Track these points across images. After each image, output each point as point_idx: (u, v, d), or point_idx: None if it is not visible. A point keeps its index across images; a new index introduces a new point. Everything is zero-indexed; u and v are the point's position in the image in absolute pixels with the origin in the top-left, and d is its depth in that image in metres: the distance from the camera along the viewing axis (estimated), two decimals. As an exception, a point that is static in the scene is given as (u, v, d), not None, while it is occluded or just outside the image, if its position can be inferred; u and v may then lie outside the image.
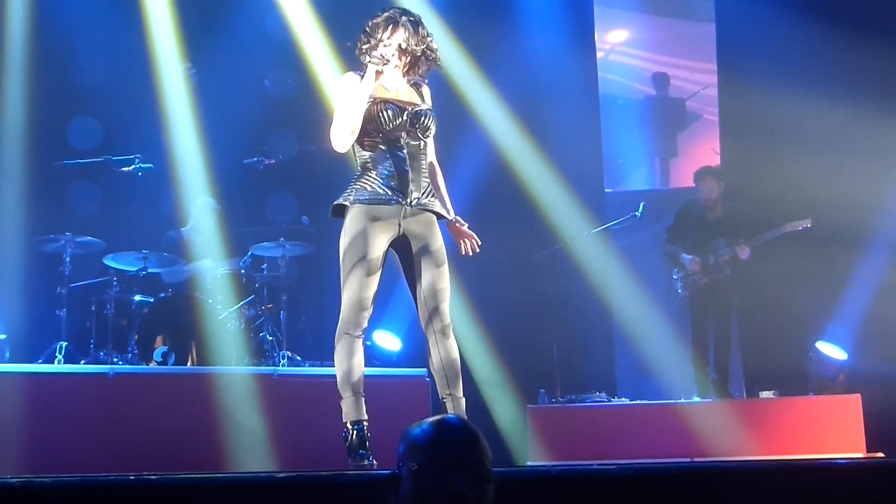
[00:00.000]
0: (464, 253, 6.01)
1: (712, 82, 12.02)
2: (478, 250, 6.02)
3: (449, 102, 10.27)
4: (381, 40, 5.78)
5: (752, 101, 10.57)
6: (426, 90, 6.00)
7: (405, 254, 5.83)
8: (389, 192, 5.70)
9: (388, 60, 5.76)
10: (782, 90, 10.20)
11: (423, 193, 5.79)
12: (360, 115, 5.68)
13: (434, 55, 5.91)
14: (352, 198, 5.73)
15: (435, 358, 5.75)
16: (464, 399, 5.78)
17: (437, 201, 5.87)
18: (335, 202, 5.79)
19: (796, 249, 9.93)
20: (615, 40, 13.59)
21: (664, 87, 13.40)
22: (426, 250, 5.76)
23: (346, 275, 5.70)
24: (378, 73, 5.74)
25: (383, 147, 5.74)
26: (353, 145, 5.80)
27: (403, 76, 5.90)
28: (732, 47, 11.21)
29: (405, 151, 5.75)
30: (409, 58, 5.85)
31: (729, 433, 8.59)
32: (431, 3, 10.19)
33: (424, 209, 5.79)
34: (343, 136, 5.68)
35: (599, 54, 12.34)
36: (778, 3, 10.54)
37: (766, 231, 9.81)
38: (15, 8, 10.47)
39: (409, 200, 5.72)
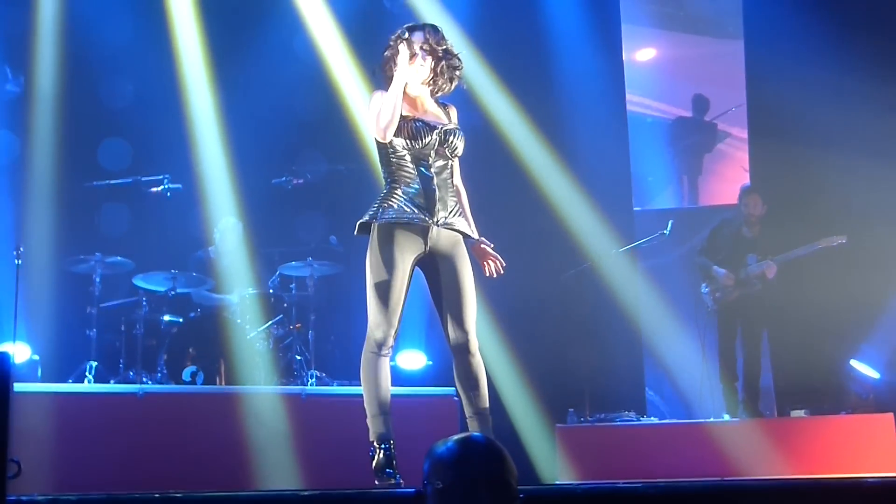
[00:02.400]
0: (488, 274, 5.99)
1: (741, 100, 11.96)
2: (502, 272, 6.00)
3: (476, 121, 10.28)
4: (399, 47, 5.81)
5: (781, 118, 10.53)
6: (453, 111, 5.99)
7: (431, 273, 5.82)
8: (416, 211, 5.69)
9: (416, 53, 5.76)
10: (813, 106, 10.15)
11: (450, 213, 5.77)
12: (400, 101, 5.68)
13: (457, 60, 5.89)
14: (378, 215, 5.72)
15: (461, 376, 5.73)
16: (490, 418, 5.76)
17: (463, 220, 5.85)
18: (361, 220, 5.79)
19: (830, 266, 9.87)
20: (643, 58, 13.56)
21: (702, 111, 13.35)
22: (452, 269, 5.74)
23: (371, 293, 5.69)
24: (412, 58, 5.75)
25: (411, 165, 5.74)
26: (381, 161, 5.81)
27: (429, 87, 5.88)
28: (761, 64, 11.16)
29: (433, 170, 5.74)
30: (433, 61, 5.83)
31: (759, 452, 8.49)
32: (458, 23, 10.19)
33: (451, 228, 5.78)
34: (385, 122, 5.64)
35: (627, 73, 12.31)
36: (807, 19, 10.48)
37: (800, 247, 9.75)
38: (45, 31, 10.54)
39: (435, 219, 5.71)
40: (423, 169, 5.74)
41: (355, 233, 5.83)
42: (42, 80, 10.58)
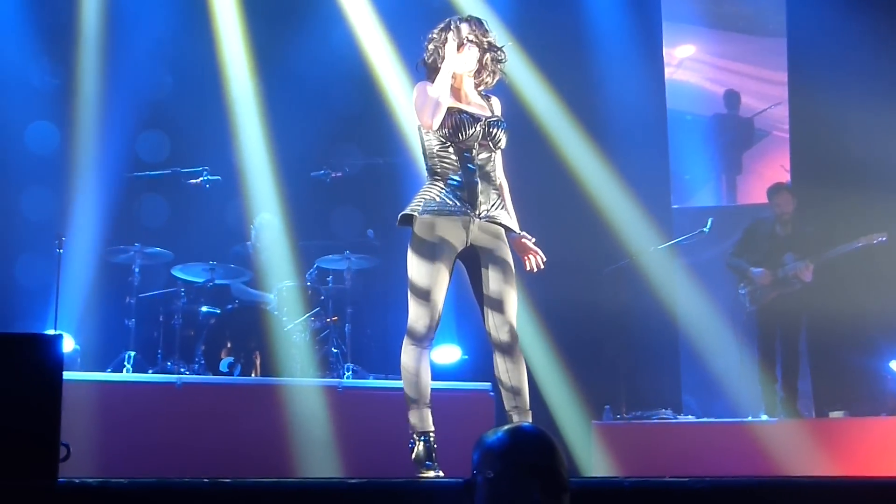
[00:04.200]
0: (528, 269, 5.97)
1: (782, 97, 11.90)
2: (542, 266, 5.98)
3: (517, 117, 10.26)
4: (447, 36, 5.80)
5: (824, 116, 10.46)
6: (496, 102, 5.98)
7: (473, 266, 5.80)
8: (458, 203, 5.67)
9: (464, 42, 5.75)
10: (855, 103, 10.09)
11: (493, 206, 5.75)
12: (448, 90, 5.67)
13: (500, 54, 5.88)
14: (420, 208, 5.71)
15: (501, 371, 5.71)
16: (530, 412, 5.74)
17: (505, 214, 5.83)
18: (403, 211, 5.79)
19: (870, 264, 9.81)
20: (683, 55, 13.50)
21: (735, 106, 13.29)
22: (494, 263, 5.72)
23: (412, 286, 5.69)
24: (459, 47, 5.74)
25: (454, 157, 5.72)
26: (424, 154, 5.81)
27: (472, 79, 5.88)
28: (804, 62, 11.11)
29: (476, 162, 5.72)
30: (478, 52, 5.81)
31: (797, 453, 8.45)
32: (499, 18, 10.17)
33: (493, 221, 5.76)
34: (432, 109, 5.63)
35: (667, 70, 12.28)
36: (850, 15, 10.41)
37: (840, 245, 9.69)
38: (87, 22, 10.59)
39: (477, 212, 5.70)
40: (466, 161, 5.71)
41: (397, 224, 5.83)
42: (83, 72, 10.63)
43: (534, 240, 5.96)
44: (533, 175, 6.19)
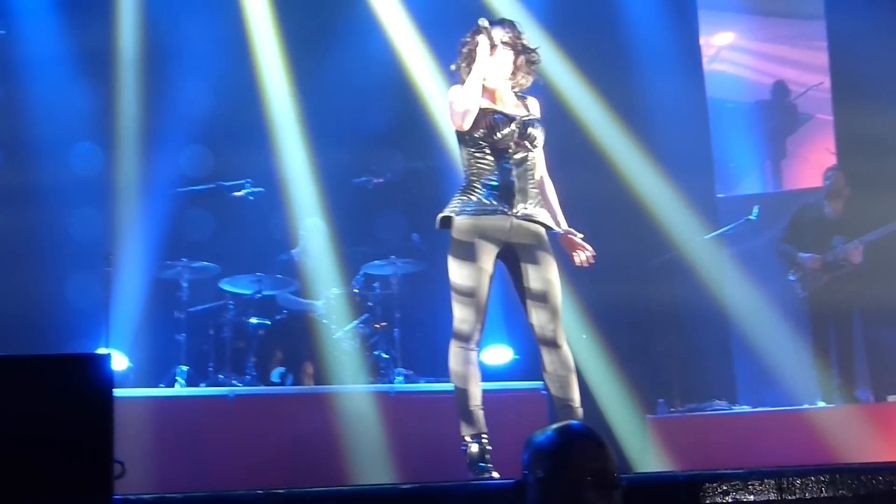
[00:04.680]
0: (577, 264, 5.97)
1: (823, 80, 11.81)
2: (592, 262, 5.97)
3: (556, 113, 10.24)
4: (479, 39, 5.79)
5: (867, 97, 10.38)
6: (534, 102, 5.98)
7: (513, 265, 5.80)
8: (495, 203, 5.68)
9: (496, 44, 5.74)
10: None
11: (531, 204, 5.75)
12: (478, 89, 5.69)
13: (535, 55, 5.90)
14: (457, 209, 5.73)
15: (549, 368, 5.71)
16: (581, 409, 5.73)
17: (544, 212, 5.82)
18: (441, 214, 5.79)
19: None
20: (721, 43, 13.42)
21: (784, 96, 13.19)
22: (534, 261, 5.71)
23: (455, 287, 5.70)
24: (492, 49, 5.73)
25: (491, 157, 5.73)
26: (461, 155, 5.81)
27: (508, 81, 5.88)
28: (844, 42, 11.02)
29: (512, 162, 5.73)
30: (513, 55, 5.82)
31: (856, 439, 8.37)
32: (534, 12, 10.18)
33: (531, 220, 5.75)
34: (463, 108, 5.66)
35: (706, 58, 12.21)
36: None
37: (887, 224, 9.58)
38: (126, 43, 10.68)
39: (515, 211, 5.69)
40: (502, 161, 5.72)
41: (437, 227, 5.83)
42: (124, 91, 10.72)
43: (581, 235, 5.95)
44: (576, 171, 6.19)
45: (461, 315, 5.69)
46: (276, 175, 10.80)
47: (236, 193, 9.97)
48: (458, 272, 5.67)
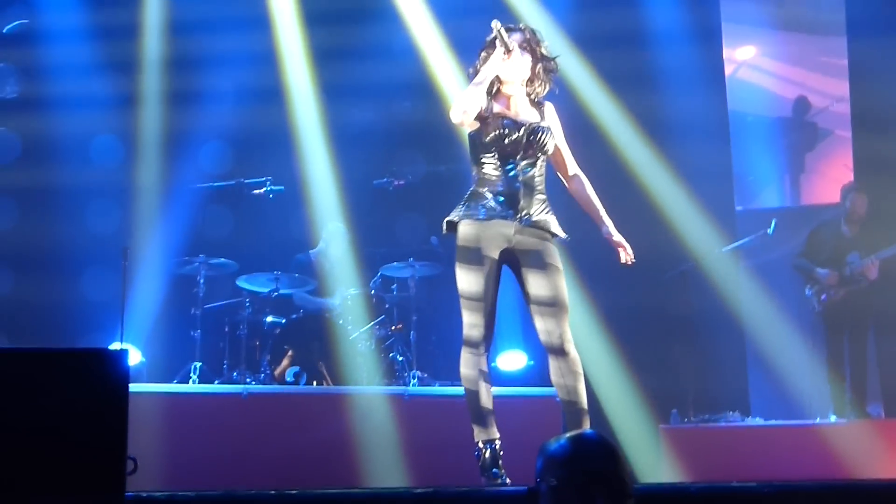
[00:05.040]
0: (623, 262, 5.95)
1: (843, 97, 11.78)
2: (633, 259, 5.95)
3: (578, 121, 10.24)
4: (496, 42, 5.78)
5: (885, 115, 10.36)
6: (549, 108, 5.94)
7: (518, 272, 5.77)
8: (499, 208, 5.67)
9: (512, 49, 5.72)
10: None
11: (536, 211, 5.73)
12: (483, 88, 5.67)
13: (553, 64, 5.88)
14: (462, 214, 5.73)
15: (556, 374, 5.69)
16: (587, 416, 5.69)
17: (551, 219, 5.79)
18: (447, 218, 5.80)
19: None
20: (743, 57, 13.41)
21: (803, 112, 13.18)
22: (538, 266, 5.68)
23: (462, 292, 5.70)
24: (507, 53, 5.70)
25: (498, 163, 5.71)
26: (470, 159, 5.81)
27: (524, 87, 5.85)
28: (864, 60, 11.00)
29: (519, 168, 5.71)
30: (532, 61, 5.80)
31: (868, 454, 8.37)
32: (558, 22, 10.19)
33: (536, 226, 5.73)
34: (461, 106, 5.65)
35: (728, 71, 12.20)
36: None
37: (896, 242, 9.59)
38: (150, 37, 10.71)
39: (519, 217, 5.68)
40: (508, 167, 5.70)
41: (444, 232, 5.84)
42: (146, 85, 10.75)
43: (617, 236, 5.96)
44: (595, 179, 6.17)
45: (470, 320, 5.69)
46: (297, 174, 10.82)
47: (256, 191, 10.00)
48: (464, 277, 5.68)
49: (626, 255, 6.03)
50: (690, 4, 11.52)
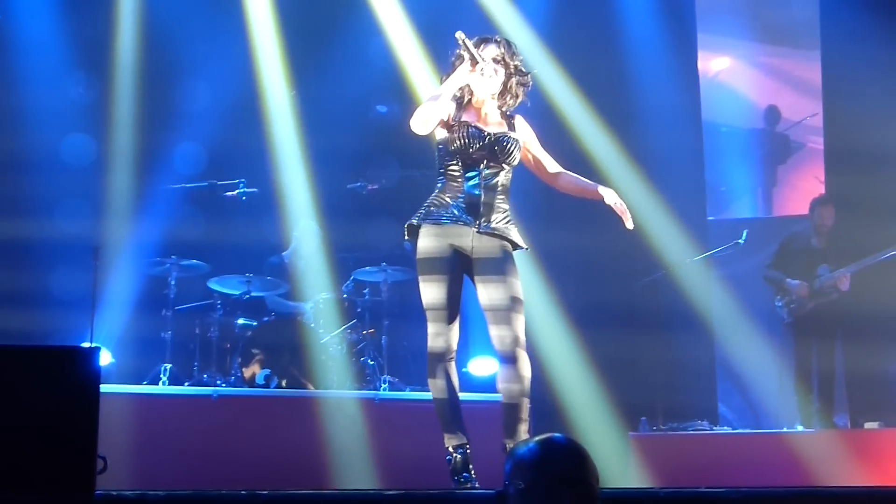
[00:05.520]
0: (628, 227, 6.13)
1: (817, 109, 11.86)
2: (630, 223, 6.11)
3: (551, 129, 10.27)
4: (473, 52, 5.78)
5: (858, 128, 10.43)
6: (520, 121, 5.93)
7: (473, 277, 5.76)
8: (459, 215, 5.67)
9: (483, 59, 5.71)
10: (890, 116, 10.06)
11: (496, 220, 5.73)
12: (446, 97, 5.69)
13: (527, 78, 5.88)
14: (422, 217, 5.74)
15: (502, 378, 5.68)
16: (525, 422, 5.66)
17: (511, 228, 5.78)
18: (408, 222, 5.80)
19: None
20: (718, 67, 13.48)
21: (774, 122, 13.25)
22: (493, 273, 5.67)
23: (424, 298, 5.71)
24: (472, 65, 5.69)
25: (461, 171, 5.71)
26: (436, 165, 5.81)
27: (495, 100, 5.85)
28: (838, 74, 11.07)
29: (482, 177, 5.71)
30: (504, 75, 5.79)
31: (833, 463, 8.43)
32: (534, 29, 10.22)
33: (494, 233, 5.72)
34: (420, 116, 5.68)
35: (702, 82, 12.25)
36: (886, 28, 10.37)
37: (875, 254, 9.66)
38: (124, 35, 10.67)
39: (478, 223, 5.68)
40: (470, 175, 5.70)
41: (405, 237, 5.84)
42: (120, 85, 10.70)
43: (620, 204, 6.07)
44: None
45: (434, 329, 5.69)
46: (271, 176, 10.80)
47: (229, 193, 10.00)
48: (425, 286, 5.69)
49: (628, 220, 6.11)
50: (666, 14, 11.56)
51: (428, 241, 5.69)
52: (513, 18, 10.36)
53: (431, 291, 5.66)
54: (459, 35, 5.71)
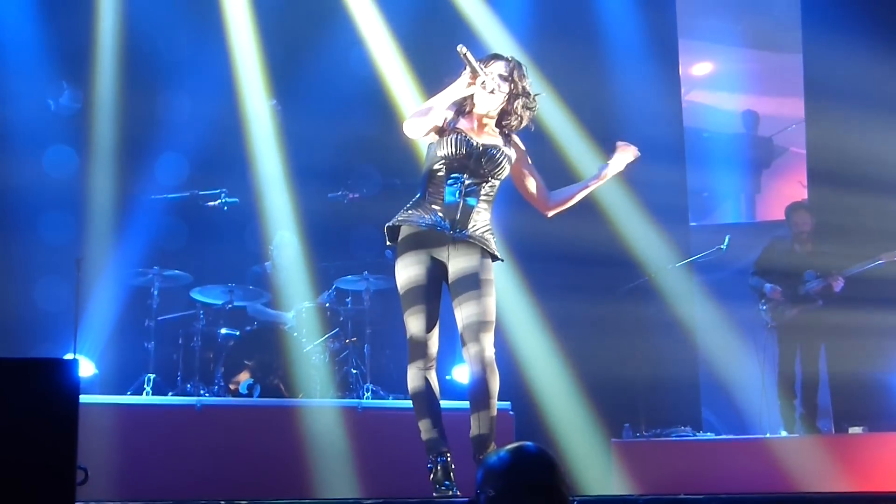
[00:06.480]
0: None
1: (799, 114, 11.89)
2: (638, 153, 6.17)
3: (532, 135, 10.29)
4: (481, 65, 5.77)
5: (840, 133, 10.46)
6: (516, 140, 5.89)
7: (448, 284, 5.75)
8: (434, 219, 5.65)
9: (486, 73, 5.68)
10: (872, 121, 10.09)
11: (473, 228, 5.69)
12: (437, 111, 5.66)
13: (532, 102, 5.82)
14: (401, 219, 5.73)
15: (471, 388, 5.65)
16: (492, 429, 5.64)
17: (488, 238, 5.73)
18: (388, 224, 5.77)
19: (890, 281, 9.80)
20: (700, 73, 13.52)
21: (753, 125, 13.30)
22: (468, 281, 5.63)
23: (403, 303, 5.69)
24: (472, 77, 5.66)
25: (445, 176, 5.69)
26: (424, 167, 5.81)
27: (493, 119, 5.82)
28: (820, 78, 11.09)
29: (464, 185, 5.69)
30: (507, 91, 5.75)
31: (817, 469, 8.45)
32: (514, 35, 10.24)
33: (470, 241, 5.69)
34: (412, 120, 5.68)
35: (684, 88, 12.28)
36: (867, 33, 10.40)
37: (861, 262, 9.69)
38: (104, 46, 10.65)
39: (454, 231, 5.66)
40: (453, 182, 5.68)
41: (386, 241, 5.83)
42: (101, 96, 10.68)
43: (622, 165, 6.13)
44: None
45: (412, 335, 5.67)
46: (252, 186, 10.80)
47: (211, 203, 9.98)
48: (403, 288, 5.67)
49: (633, 152, 6.22)
50: (647, 19, 11.58)
51: (406, 245, 5.68)
52: (493, 26, 10.38)
53: (409, 295, 5.64)
54: (461, 49, 5.66)
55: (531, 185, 5.98)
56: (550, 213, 6.11)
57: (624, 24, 11.47)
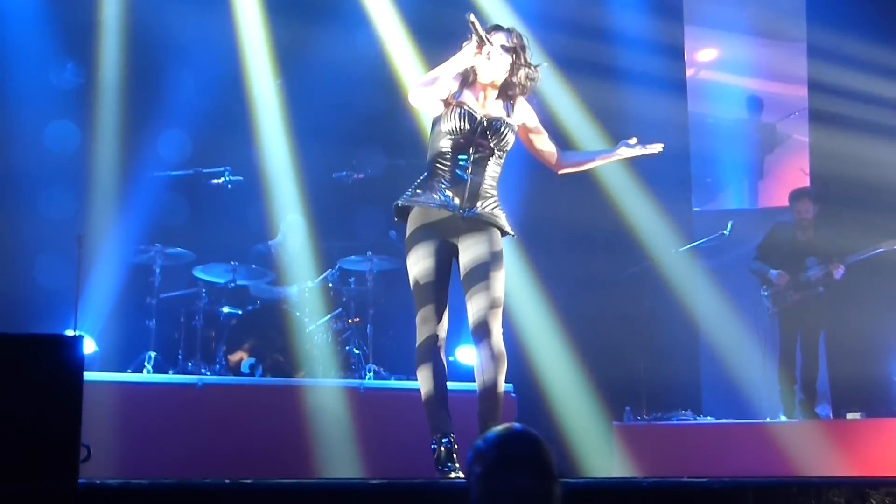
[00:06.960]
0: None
1: (802, 102, 11.87)
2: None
3: (539, 118, 10.27)
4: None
5: (843, 120, 10.46)
6: (521, 104, 5.88)
7: (459, 261, 5.72)
8: (443, 198, 5.63)
9: (491, 43, 5.68)
10: (875, 108, 10.08)
11: (481, 205, 5.67)
12: (443, 81, 5.63)
13: (534, 72, 5.81)
14: (411, 198, 5.70)
15: (478, 365, 5.65)
16: (500, 406, 5.66)
17: (499, 214, 5.73)
18: (397, 202, 5.75)
19: (890, 268, 9.80)
20: (705, 59, 13.50)
21: (757, 111, 13.27)
22: (477, 260, 5.63)
23: (413, 283, 5.67)
24: (479, 47, 5.65)
25: (451, 153, 5.66)
26: (428, 146, 5.78)
27: (496, 89, 5.81)
28: (824, 66, 11.06)
29: (471, 160, 5.65)
30: (510, 62, 5.74)
31: (815, 453, 8.48)
32: (522, 19, 10.19)
33: (480, 219, 5.68)
34: (417, 90, 5.66)
35: (689, 73, 12.25)
36: (871, 21, 10.40)
37: (862, 250, 9.70)
38: (109, 22, 10.62)
39: (463, 209, 5.63)
40: (460, 158, 5.65)
41: (395, 218, 5.81)
42: (105, 72, 10.65)
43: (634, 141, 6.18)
44: (553, 178, 6.20)
45: (422, 313, 5.64)
46: (256, 164, 10.78)
47: (214, 181, 9.98)
48: (412, 267, 5.66)
49: (655, 146, 6.30)
50: (653, 6, 11.56)
51: (415, 223, 5.66)
52: (500, 9, 10.34)
53: (419, 273, 5.63)
54: (470, 17, 5.66)
55: (540, 144, 6.01)
56: (560, 172, 6.18)
57: (630, 10, 11.44)
